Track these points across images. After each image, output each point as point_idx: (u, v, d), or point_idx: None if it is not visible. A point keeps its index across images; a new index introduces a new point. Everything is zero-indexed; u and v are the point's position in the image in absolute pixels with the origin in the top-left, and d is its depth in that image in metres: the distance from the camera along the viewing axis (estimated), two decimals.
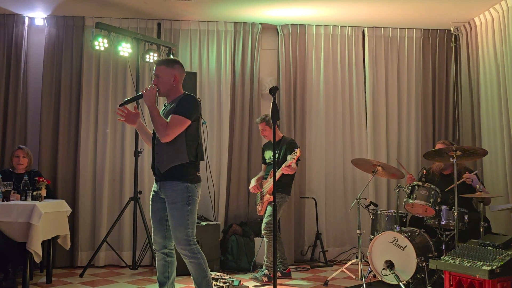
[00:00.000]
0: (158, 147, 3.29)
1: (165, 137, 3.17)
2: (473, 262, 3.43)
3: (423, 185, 4.34)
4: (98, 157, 5.72)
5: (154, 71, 3.34)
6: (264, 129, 5.05)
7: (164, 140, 3.19)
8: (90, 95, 5.75)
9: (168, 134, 3.16)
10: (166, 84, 3.31)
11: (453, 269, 3.50)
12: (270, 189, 4.81)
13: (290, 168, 4.65)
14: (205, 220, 5.49)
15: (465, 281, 3.44)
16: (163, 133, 3.17)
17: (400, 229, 4.32)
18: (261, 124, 5.05)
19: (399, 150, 6.26)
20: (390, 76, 6.32)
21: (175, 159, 3.21)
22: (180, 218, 3.18)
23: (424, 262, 4.04)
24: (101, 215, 5.62)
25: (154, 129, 3.22)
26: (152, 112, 3.20)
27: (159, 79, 3.31)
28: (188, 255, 3.20)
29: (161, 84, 3.31)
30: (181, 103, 3.25)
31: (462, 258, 3.53)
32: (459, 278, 3.48)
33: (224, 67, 6.01)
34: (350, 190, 6.15)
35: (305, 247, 6.02)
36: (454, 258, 3.56)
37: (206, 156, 5.56)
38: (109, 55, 5.73)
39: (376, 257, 4.32)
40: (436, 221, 4.40)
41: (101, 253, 5.50)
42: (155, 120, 3.19)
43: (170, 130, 3.16)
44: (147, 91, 3.23)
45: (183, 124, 3.19)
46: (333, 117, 6.21)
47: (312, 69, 6.21)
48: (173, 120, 3.18)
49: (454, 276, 3.52)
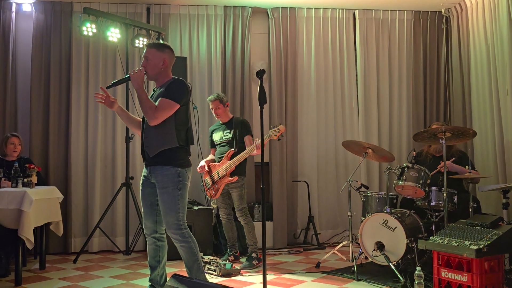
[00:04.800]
0: (147, 131, 3.31)
1: (153, 120, 3.18)
2: (461, 241, 3.48)
3: (413, 166, 4.37)
4: (89, 143, 5.73)
5: (144, 53, 3.35)
6: (217, 107, 4.88)
7: (152, 123, 3.20)
8: (80, 81, 5.73)
9: (156, 117, 3.18)
10: (155, 68, 3.31)
11: (442, 249, 3.55)
12: (230, 171, 4.69)
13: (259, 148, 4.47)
14: (198, 205, 5.53)
15: (453, 260, 3.50)
16: (151, 116, 3.17)
17: (390, 210, 4.36)
18: (215, 102, 4.88)
19: (390, 132, 6.30)
20: (382, 58, 6.33)
21: (164, 144, 3.23)
22: (170, 202, 3.21)
23: (413, 243, 4.09)
24: (93, 201, 5.64)
25: (142, 112, 3.22)
26: (140, 95, 3.20)
27: (148, 61, 3.31)
28: (179, 239, 3.23)
29: (150, 67, 3.31)
30: (170, 87, 3.26)
31: (450, 238, 3.58)
32: (447, 258, 3.54)
33: (214, 52, 6.00)
34: (342, 173, 6.20)
35: (298, 230, 6.08)
36: (443, 238, 3.61)
37: (198, 141, 5.58)
38: (98, 40, 5.70)
39: (367, 238, 4.36)
40: (426, 202, 4.43)
41: (94, 239, 5.54)
42: (143, 103, 3.19)
43: (158, 113, 3.17)
44: (135, 73, 3.24)
45: (171, 108, 3.20)
46: (324, 100, 6.23)
47: (303, 53, 6.21)
48: (162, 103, 3.19)
49: (442, 256, 3.57)
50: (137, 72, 3.24)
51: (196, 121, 5.62)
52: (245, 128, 4.86)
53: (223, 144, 4.90)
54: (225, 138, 4.89)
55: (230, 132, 4.88)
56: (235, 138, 4.82)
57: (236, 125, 4.88)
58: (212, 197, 4.85)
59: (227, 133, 4.89)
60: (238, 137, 4.81)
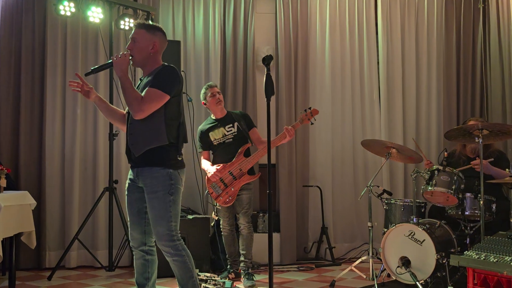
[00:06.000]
0: (132, 127, 3.30)
1: (139, 113, 3.16)
2: (501, 257, 3.46)
3: (444, 169, 4.36)
4: (66, 141, 5.72)
5: (132, 34, 3.34)
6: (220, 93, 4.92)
7: (138, 116, 3.18)
8: (56, 69, 5.73)
9: (142, 110, 3.16)
10: (142, 52, 3.31)
11: (478, 266, 3.53)
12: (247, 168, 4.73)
13: (293, 132, 4.60)
14: (193, 213, 5.52)
15: (491, 279, 3.47)
16: (136, 108, 3.16)
17: (417, 220, 4.36)
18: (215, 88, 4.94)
19: (417, 129, 6.30)
20: (407, 43, 6.32)
21: (152, 141, 3.22)
22: (161, 209, 3.21)
23: (445, 259, 4.08)
24: (71, 208, 5.64)
25: (126, 104, 3.21)
26: (123, 83, 3.19)
27: (136, 44, 3.30)
28: (171, 253, 3.23)
29: (137, 50, 3.30)
30: (159, 75, 3.25)
31: (488, 253, 3.57)
32: (484, 276, 3.51)
33: (212, 35, 5.99)
34: (361, 177, 6.20)
35: (309, 243, 6.08)
36: (479, 253, 3.59)
37: (192, 138, 5.57)
38: (77, 21, 5.70)
39: (390, 253, 4.35)
40: (459, 211, 4.43)
41: (72, 253, 5.54)
42: (127, 93, 3.17)
43: (145, 105, 3.15)
44: (119, 58, 3.22)
45: (160, 99, 3.19)
46: (340, 92, 6.23)
47: (316, 36, 6.21)
48: (149, 94, 3.18)
49: (478, 274, 3.55)
50: (121, 57, 3.23)
51: (190, 116, 5.62)
52: (249, 119, 4.90)
53: (228, 141, 4.86)
54: (229, 134, 4.85)
55: (233, 126, 4.86)
56: (244, 131, 4.82)
57: (237, 118, 4.88)
58: (227, 204, 4.77)
59: (230, 128, 4.87)
60: (245, 129, 4.82)
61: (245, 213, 4.83)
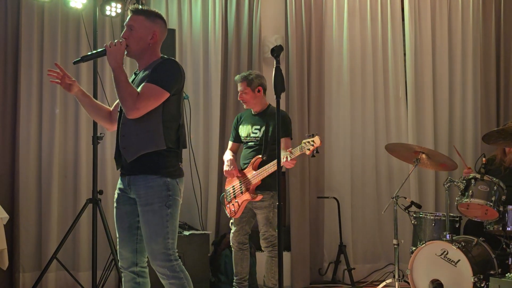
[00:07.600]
0: (124, 127, 3.30)
1: (133, 111, 3.16)
2: None
3: (482, 178, 4.38)
4: (43, 146, 5.73)
5: (128, 21, 3.35)
6: (245, 92, 4.85)
7: (132, 115, 3.18)
8: (31, 62, 5.75)
9: (138, 108, 3.15)
10: (140, 42, 3.32)
11: None
12: (254, 185, 4.67)
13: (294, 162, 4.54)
14: (190, 228, 5.55)
15: None
16: (131, 106, 3.15)
17: (451, 237, 4.37)
18: (242, 83, 4.85)
19: (450, 132, 6.32)
20: (439, 32, 6.34)
21: (147, 145, 3.22)
22: (157, 224, 3.22)
23: (483, 282, 4.11)
24: (49, 223, 5.65)
25: (120, 101, 3.22)
26: (117, 76, 3.18)
27: (133, 32, 3.32)
28: (167, 275, 3.24)
29: (134, 39, 3.31)
30: (157, 69, 3.26)
31: None
32: None
33: (212, 22, 6.03)
34: (385, 187, 6.22)
35: (324, 263, 6.10)
36: None
37: (190, 144, 5.60)
38: (56, 7, 5.72)
39: (419, 275, 4.38)
40: (499, 226, 4.44)
41: (50, 274, 5.55)
42: (122, 87, 3.17)
43: (141, 103, 3.16)
44: (114, 47, 3.23)
45: (159, 97, 3.20)
46: (361, 89, 6.25)
47: (332, 24, 6.24)
48: (146, 90, 3.19)
49: None
50: (116, 45, 3.24)
51: (187, 116, 5.64)
52: (283, 126, 4.71)
53: (249, 144, 4.87)
54: (252, 137, 4.85)
55: (260, 129, 4.82)
56: (266, 139, 4.75)
57: (270, 119, 4.78)
58: (231, 215, 4.81)
59: (256, 130, 4.84)
60: (271, 134, 4.73)
61: (263, 236, 4.77)
